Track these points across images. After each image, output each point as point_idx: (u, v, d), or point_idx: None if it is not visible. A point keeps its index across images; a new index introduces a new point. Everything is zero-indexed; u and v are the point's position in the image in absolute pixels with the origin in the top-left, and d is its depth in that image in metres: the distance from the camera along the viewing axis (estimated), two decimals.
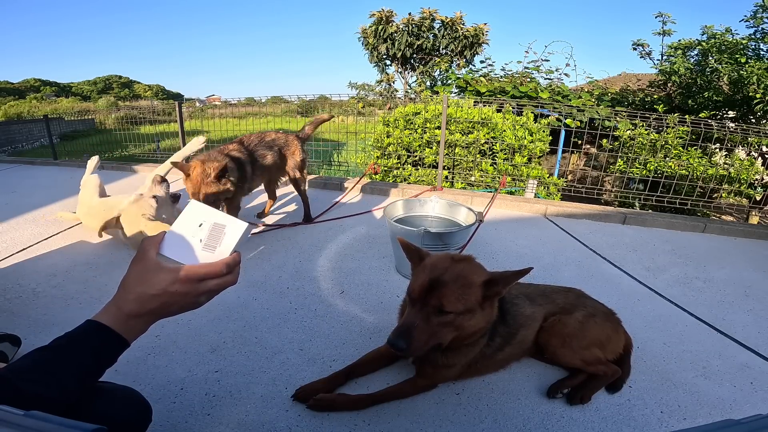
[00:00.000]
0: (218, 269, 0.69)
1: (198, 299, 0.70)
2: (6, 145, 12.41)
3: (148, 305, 0.66)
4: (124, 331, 0.66)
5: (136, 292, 0.66)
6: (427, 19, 11.45)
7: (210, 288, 0.70)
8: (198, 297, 0.70)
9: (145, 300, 0.66)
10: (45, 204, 3.07)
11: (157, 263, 0.68)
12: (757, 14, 5.72)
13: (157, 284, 0.66)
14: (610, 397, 1.24)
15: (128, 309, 0.66)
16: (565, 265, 2.17)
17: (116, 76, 64.25)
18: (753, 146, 5.22)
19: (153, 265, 0.68)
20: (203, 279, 0.69)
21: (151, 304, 0.66)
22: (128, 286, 0.67)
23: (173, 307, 0.68)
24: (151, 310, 0.66)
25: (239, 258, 0.73)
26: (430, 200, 2.17)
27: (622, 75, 10.82)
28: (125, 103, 33.38)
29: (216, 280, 0.70)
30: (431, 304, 1.01)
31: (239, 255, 0.73)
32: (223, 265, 0.70)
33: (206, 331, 1.50)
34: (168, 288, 0.66)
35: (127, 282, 0.68)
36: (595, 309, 1.35)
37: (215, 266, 0.70)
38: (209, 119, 8.90)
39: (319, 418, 1.13)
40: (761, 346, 1.52)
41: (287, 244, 2.33)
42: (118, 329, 0.65)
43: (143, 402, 0.87)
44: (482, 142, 4.05)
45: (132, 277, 0.68)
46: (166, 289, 0.66)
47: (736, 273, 2.15)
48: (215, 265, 0.70)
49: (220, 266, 0.70)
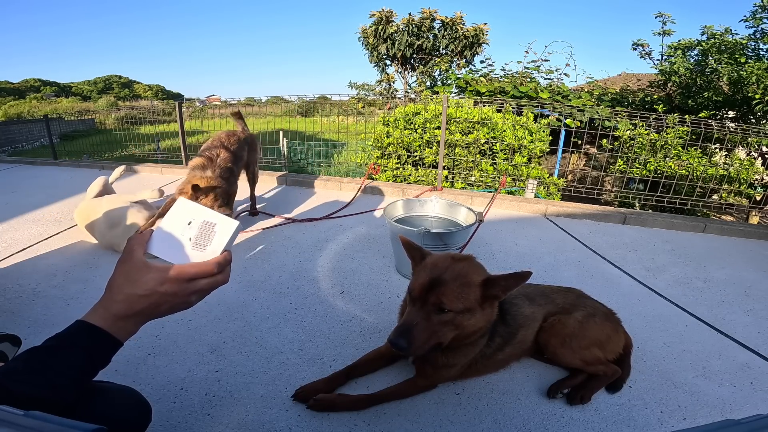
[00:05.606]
0: (209, 268, 0.68)
1: (188, 299, 0.68)
2: (6, 145, 12.42)
3: (137, 306, 0.64)
4: (113, 332, 0.64)
5: (124, 293, 0.65)
6: (427, 19, 11.46)
7: (201, 287, 0.68)
8: (188, 297, 0.68)
9: (133, 301, 0.64)
10: (45, 204, 3.07)
11: (144, 263, 0.66)
12: (757, 14, 5.72)
13: (146, 284, 0.64)
14: (610, 397, 1.24)
15: (116, 310, 0.64)
16: (565, 265, 2.17)
17: (116, 76, 64.27)
18: (753, 146, 5.22)
19: (140, 264, 0.66)
20: (194, 278, 0.67)
21: (140, 304, 0.64)
22: (115, 287, 0.66)
23: (163, 307, 0.66)
24: (140, 310, 0.65)
25: (230, 257, 0.71)
26: (430, 200, 2.17)
27: (622, 75, 10.84)
28: (125, 103, 33.40)
29: (207, 279, 0.68)
30: (431, 302, 1.01)
31: (230, 254, 0.72)
32: (215, 264, 0.68)
33: (206, 331, 1.50)
34: (157, 288, 0.64)
35: (114, 283, 0.66)
36: (595, 309, 1.35)
37: (206, 265, 0.68)
38: (209, 119, 8.90)
39: (319, 418, 1.12)
40: (761, 346, 1.52)
41: (287, 244, 2.33)
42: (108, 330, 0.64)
43: (143, 402, 0.87)
44: (482, 142, 4.05)
45: (119, 277, 0.66)
46: (155, 289, 0.64)
47: (736, 273, 2.15)
48: (206, 264, 0.68)
49: (212, 265, 0.68)
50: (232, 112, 2.88)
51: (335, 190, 3.62)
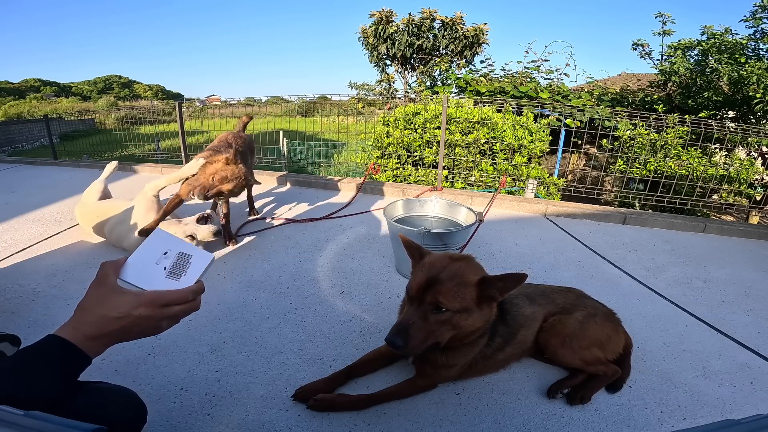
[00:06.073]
0: (185, 295, 0.70)
1: (160, 324, 0.69)
2: (6, 145, 12.43)
3: (108, 327, 0.65)
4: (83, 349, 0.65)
5: (96, 314, 0.65)
6: (427, 19, 11.45)
7: (174, 313, 0.70)
8: (160, 322, 0.69)
9: (105, 322, 0.65)
10: (45, 204, 3.07)
11: (118, 287, 0.68)
12: (757, 14, 5.72)
13: (120, 307, 0.65)
14: (610, 397, 1.24)
15: (86, 330, 0.64)
16: (565, 265, 2.17)
17: (116, 76, 64.27)
18: (753, 146, 5.22)
19: (115, 288, 0.68)
20: (169, 304, 0.69)
21: (112, 326, 0.65)
22: (87, 308, 0.66)
23: (134, 330, 0.67)
24: (110, 332, 0.65)
25: (203, 287, 0.74)
26: (430, 200, 2.17)
27: (622, 75, 10.84)
28: (125, 103, 33.42)
29: (182, 306, 0.70)
30: (428, 301, 1.01)
31: (203, 284, 0.74)
32: (190, 291, 0.71)
33: (206, 331, 1.50)
34: (132, 311, 0.65)
35: (86, 304, 0.67)
36: (595, 309, 1.35)
37: (183, 292, 0.70)
38: (209, 119, 8.90)
39: (319, 418, 1.12)
40: (761, 346, 1.52)
41: (287, 244, 2.33)
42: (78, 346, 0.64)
43: (138, 402, 0.87)
44: (482, 142, 4.05)
45: (92, 299, 0.67)
46: (129, 312, 0.65)
47: (736, 273, 2.15)
48: (183, 291, 0.70)
49: (188, 292, 0.70)
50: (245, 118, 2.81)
51: (335, 190, 3.62)
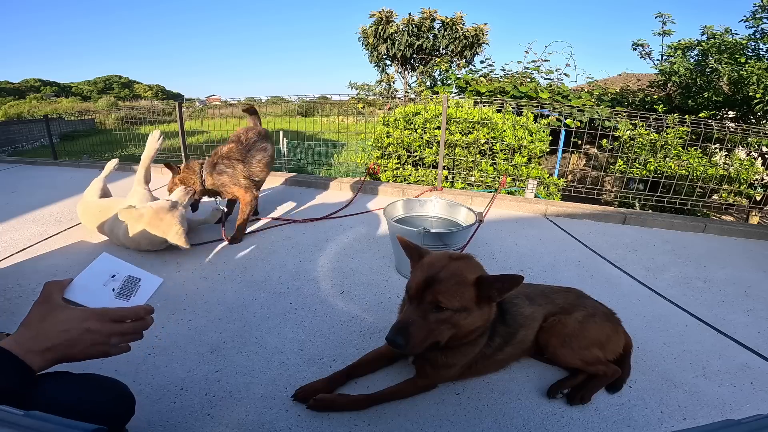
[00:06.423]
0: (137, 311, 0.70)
1: (109, 340, 0.68)
2: (6, 145, 12.42)
3: (53, 340, 0.64)
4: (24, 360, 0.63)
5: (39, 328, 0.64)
6: (427, 19, 11.45)
7: (125, 330, 0.69)
8: (109, 338, 0.67)
9: (49, 335, 0.64)
10: (45, 204, 3.07)
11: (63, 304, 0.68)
12: (757, 14, 5.72)
13: (65, 320, 0.65)
14: (610, 397, 1.24)
15: (29, 345, 0.63)
16: (565, 265, 2.17)
17: (116, 76, 64.23)
18: (753, 146, 5.22)
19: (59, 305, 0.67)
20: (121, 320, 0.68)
21: (56, 339, 0.64)
22: (30, 325, 0.66)
23: (79, 346, 0.65)
24: (53, 345, 0.64)
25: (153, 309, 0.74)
26: (430, 200, 2.17)
27: (622, 75, 10.82)
28: (125, 103, 33.40)
29: (134, 322, 0.70)
30: (428, 300, 1.01)
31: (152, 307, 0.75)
32: (142, 308, 0.71)
33: (206, 331, 1.50)
34: (79, 324, 0.65)
35: (29, 321, 0.66)
36: (595, 309, 1.35)
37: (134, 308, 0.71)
38: (209, 119, 8.90)
39: (319, 419, 1.12)
40: (761, 346, 1.52)
41: (287, 244, 2.33)
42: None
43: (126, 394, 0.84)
44: (482, 142, 4.05)
45: (35, 316, 0.66)
46: (76, 325, 0.64)
47: (736, 273, 2.15)
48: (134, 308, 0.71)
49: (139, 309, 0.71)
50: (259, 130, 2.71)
51: (335, 190, 3.62)
